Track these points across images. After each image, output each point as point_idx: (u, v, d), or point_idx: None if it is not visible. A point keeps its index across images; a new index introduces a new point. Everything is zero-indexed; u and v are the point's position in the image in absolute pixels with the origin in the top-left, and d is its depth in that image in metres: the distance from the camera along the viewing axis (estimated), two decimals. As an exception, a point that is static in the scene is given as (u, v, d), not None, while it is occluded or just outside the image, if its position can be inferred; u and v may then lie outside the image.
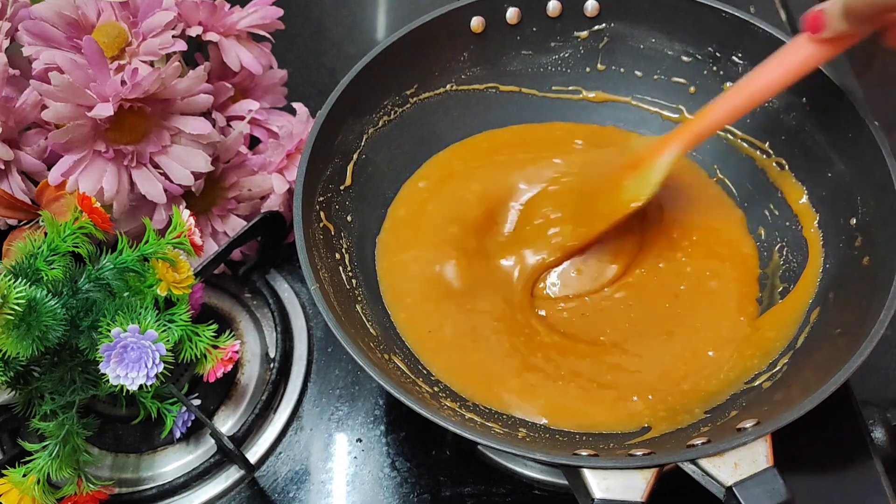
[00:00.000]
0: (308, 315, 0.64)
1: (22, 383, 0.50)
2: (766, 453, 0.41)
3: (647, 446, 0.47)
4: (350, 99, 0.57)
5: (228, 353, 0.53)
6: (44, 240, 0.49)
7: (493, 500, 0.56)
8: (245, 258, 0.65)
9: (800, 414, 0.42)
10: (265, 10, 0.64)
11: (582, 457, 0.45)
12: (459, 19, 0.62)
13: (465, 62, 0.64)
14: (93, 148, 0.54)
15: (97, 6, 0.57)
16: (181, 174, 0.57)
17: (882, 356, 0.68)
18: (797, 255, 0.57)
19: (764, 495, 0.40)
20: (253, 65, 0.62)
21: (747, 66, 0.60)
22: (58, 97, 0.52)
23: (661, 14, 0.62)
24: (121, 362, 0.47)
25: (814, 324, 0.52)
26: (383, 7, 0.88)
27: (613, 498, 0.41)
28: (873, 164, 0.52)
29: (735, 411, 0.49)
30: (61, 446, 0.49)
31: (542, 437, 0.51)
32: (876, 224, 0.51)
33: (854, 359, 0.44)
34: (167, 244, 0.51)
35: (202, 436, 0.58)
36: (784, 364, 0.51)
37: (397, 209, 0.62)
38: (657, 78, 0.64)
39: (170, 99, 0.56)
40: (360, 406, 0.60)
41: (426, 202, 0.62)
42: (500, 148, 0.65)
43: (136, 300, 0.50)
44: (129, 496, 0.56)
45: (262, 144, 0.64)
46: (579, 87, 0.66)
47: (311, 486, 0.57)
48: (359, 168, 0.60)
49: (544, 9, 0.63)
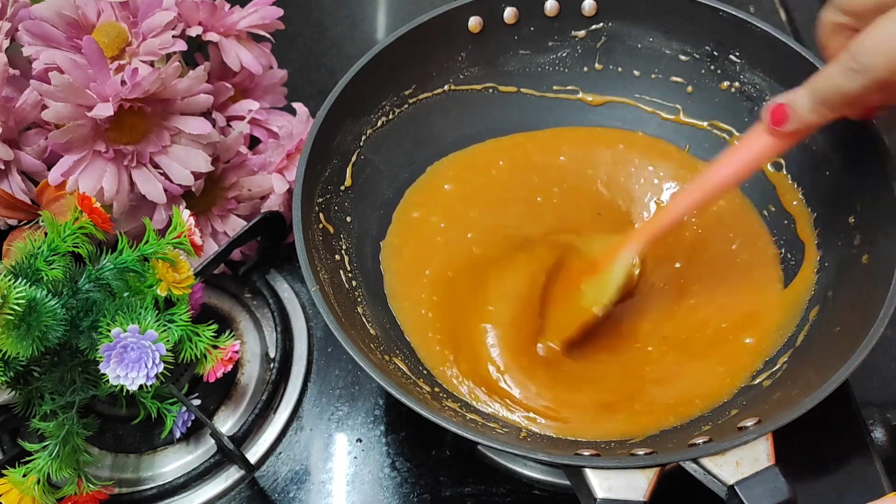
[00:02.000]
0: (308, 315, 0.64)
1: (22, 383, 0.50)
2: (767, 452, 0.41)
3: (649, 446, 0.47)
4: (348, 100, 0.57)
5: (228, 353, 0.53)
6: (44, 240, 0.49)
7: (493, 500, 0.55)
8: (245, 258, 0.65)
9: (801, 412, 0.42)
10: (265, 10, 0.64)
11: (584, 457, 0.45)
12: (457, 19, 0.62)
13: (463, 62, 0.64)
14: (93, 148, 0.54)
15: (97, 6, 0.57)
16: (181, 174, 0.57)
17: (882, 356, 0.68)
18: (796, 253, 0.57)
19: (766, 494, 0.40)
20: (253, 65, 0.62)
21: (744, 64, 0.60)
22: (58, 97, 0.52)
23: (659, 13, 0.62)
24: (121, 362, 0.47)
25: (813, 322, 0.52)
26: (383, 7, 0.88)
27: (616, 497, 0.41)
28: (872, 162, 0.52)
29: (736, 410, 0.49)
30: (61, 446, 0.49)
31: (544, 437, 0.51)
32: (875, 222, 0.51)
33: (854, 356, 0.44)
34: (167, 244, 0.51)
35: (202, 436, 0.58)
36: (784, 362, 0.51)
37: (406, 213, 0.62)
38: (655, 77, 0.64)
39: (170, 99, 0.56)
40: (360, 406, 0.60)
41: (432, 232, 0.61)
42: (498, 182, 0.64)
43: (136, 300, 0.50)
44: (129, 496, 0.56)
45: (262, 144, 0.64)
46: (577, 87, 0.66)
47: (311, 486, 0.56)
48: (357, 169, 0.60)
49: (542, 8, 0.63)
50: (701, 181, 0.53)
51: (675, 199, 0.55)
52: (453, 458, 0.57)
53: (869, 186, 0.52)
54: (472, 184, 0.64)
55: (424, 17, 0.61)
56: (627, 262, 0.55)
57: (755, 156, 0.51)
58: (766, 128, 0.49)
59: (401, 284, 0.59)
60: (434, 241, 0.61)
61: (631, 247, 0.55)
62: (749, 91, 0.61)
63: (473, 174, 0.64)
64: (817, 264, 0.55)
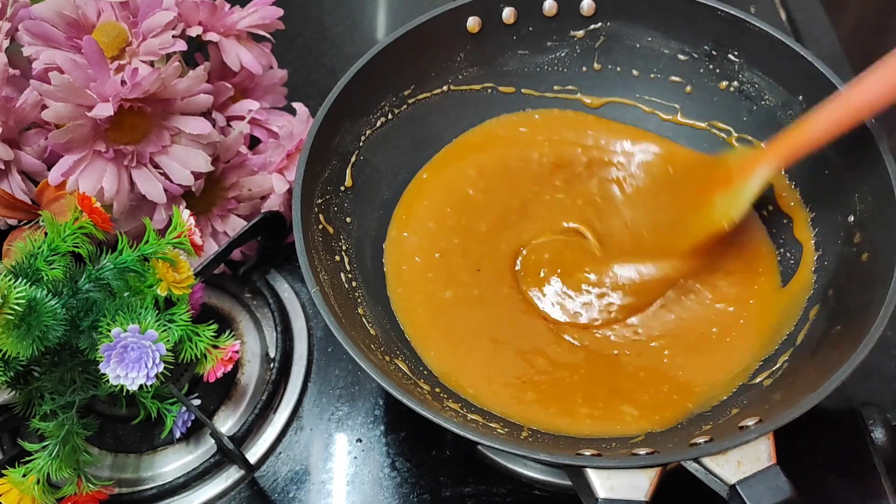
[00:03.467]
0: (308, 315, 0.64)
1: (22, 383, 0.50)
2: (768, 451, 0.42)
3: (650, 445, 0.47)
4: (347, 100, 0.57)
5: (228, 353, 0.53)
6: (44, 240, 0.49)
7: (493, 500, 0.55)
8: (245, 258, 0.65)
9: (802, 411, 0.42)
10: (265, 10, 0.64)
11: (585, 457, 0.45)
12: (456, 19, 0.62)
13: (462, 62, 0.64)
14: (93, 148, 0.54)
15: (97, 6, 0.57)
16: (181, 174, 0.57)
17: (882, 356, 0.68)
18: (795, 253, 0.57)
19: (767, 493, 0.40)
20: (253, 65, 0.62)
21: (743, 63, 0.60)
22: (58, 97, 0.52)
23: (658, 12, 0.62)
24: (121, 362, 0.47)
25: (813, 321, 0.53)
26: (383, 7, 0.88)
27: (617, 497, 0.41)
28: (871, 161, 0.52)
29: (736, 409, 0.49)
30: (61, 446, 0.49)
31: (545, 438, 0.51)
32: (874, 221, 0.51)
33: (855, 355, 0.44)
34: (167, 244, 0.51)
35: (202, 436, 0.58)
36: (784, 361, 0.51)
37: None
38: (654, 77, 0.64)
39: (170, 99, 0.56)
40: (360, 406, 0.60)
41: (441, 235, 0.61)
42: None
43: (136, 300, 0.50)
44: (129, 496, 0.56)
45: (262, 144, 0.64)
46: (576, 87, 0.66)
47: (311, 486, 0.56)
48: (357, 169, 0.60)
49: (540, 8, 0.63)
50: (849, 95, 0.49)
51: (819, 113, 0.50)
52: (453, 458, 0.57)
53: (869, 185, 0.52)
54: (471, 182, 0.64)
55: (423, 17, 0.60)
56: (766, 176, 0.53)
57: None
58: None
59: (401, 284, 0.59)
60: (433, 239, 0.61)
61: (770, 160, 0.53)
62: (748, 90, 0.61)
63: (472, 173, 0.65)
64: (815, 263, 0.55)
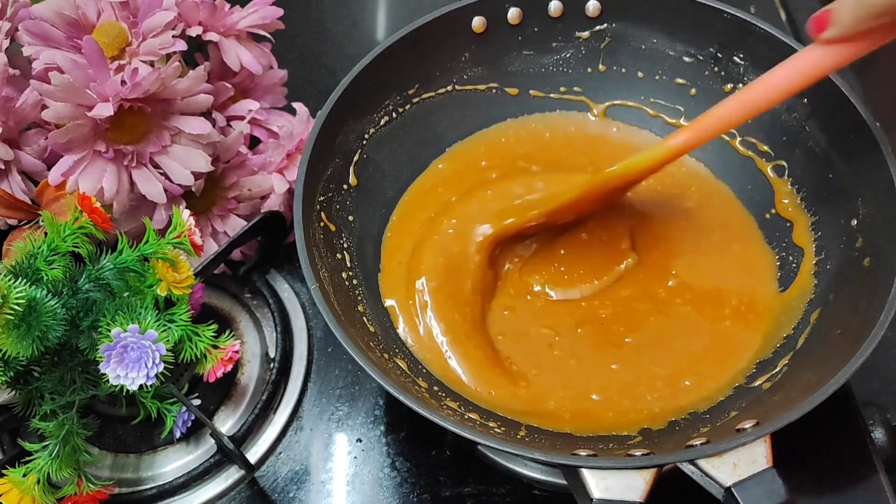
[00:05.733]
0: (308, 315, 0.64)
1: (22, 383, 0.50)
2: (765, 454, 0.41)
3: (646, 446, 0.47)
4: (351, 99, 0.57)
5: (228, 353, 0.53)
6: (44, 240, 0.49)
7: (493, 500, 0.56)
8: (245, 258, 0.65)
9: (799, 415, 0.42)
10: (265, 10, 0.64)
11: (581, 457, 0.45)
12: (460, 19, 0.62)
13: (467, 62, 0.64)
14: (93, 148, 0.54)
15: (97, 6, 0.57)
16: (181, 174, 0.57)
17: (882, 357, 0.68)
18: (797, 257, 0.57)
19: (763, 496, 0.40)
20: (253, 65, 0.62)
21: (748, 66, 0.60)
22: (58, 97, 0.52)
23: (663, 14, 0.62)
24: (121, 362, 0.47)
25: (814, 325, 0.52)
26: (383, 7, 0.88)
27: (612, 498, 0.41)
28: (874, 165, 0.51)
29: (734, 412, 0.49)
30: (61, 446, 0.49)
31: (542, 437, 0.51)
32: (877, 225, 0.51)
33: (854, 360, 0.44)
34: (167, 244, 0.51)
35: (202, 436, 0.58)
36: (784, 365, 0.51)
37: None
38: (658, 79, 0.64)
39: (170, 99, 0.56)
40: (360, 406, 0.60)
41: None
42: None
43: (136, 300, 0.50)
44: (129, 496, 0.56)
45: (262, 144, 0.64)
46: (581, 88, 0.66)
47: (311, 486, 0.57)
48: (360, 168, 0.60)
49: (546, 9, 0.63)
50: (750, 86, 0.52)
51: (723, 103, 0.53)
52: (453, 458, 0.57)
53: (872, 189, 0.52)
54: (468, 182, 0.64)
55: (428, 16, 0.61)
56: (669, 149, 0.55)
57: (805, 66, 0.49)
58: (811, 36, 0.47)
59: (402, 283, 0.59)
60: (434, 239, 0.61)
61: (677, 140, 0.54)
62: (752, 93, 0.60)
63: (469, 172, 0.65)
64: (816, 268, 0.55)
